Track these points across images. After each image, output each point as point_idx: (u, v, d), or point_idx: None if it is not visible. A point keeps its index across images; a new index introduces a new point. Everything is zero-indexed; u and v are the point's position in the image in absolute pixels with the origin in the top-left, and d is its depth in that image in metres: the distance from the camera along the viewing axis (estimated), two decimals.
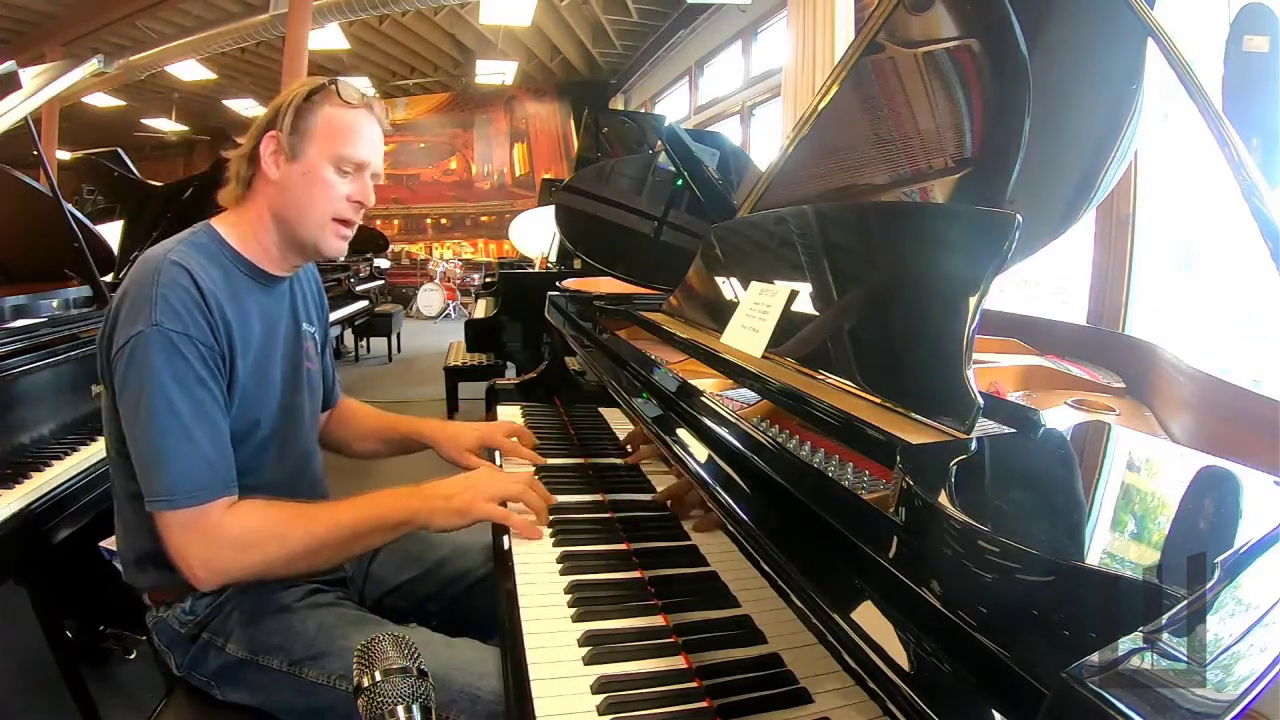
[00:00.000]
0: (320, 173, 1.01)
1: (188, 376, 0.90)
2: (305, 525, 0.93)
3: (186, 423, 0.89)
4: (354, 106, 1.02)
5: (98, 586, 1.62)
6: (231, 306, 0.97)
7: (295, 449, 1.10)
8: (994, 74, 1.16)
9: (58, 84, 1.90)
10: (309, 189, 1.01)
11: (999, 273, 0.75)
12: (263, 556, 0.91)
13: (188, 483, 0.88)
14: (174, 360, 0.89)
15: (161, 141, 10.83)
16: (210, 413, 0.92)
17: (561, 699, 0.70)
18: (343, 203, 1.03)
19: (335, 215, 1.03)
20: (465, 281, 9.64)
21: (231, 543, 0.89)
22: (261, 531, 0.91)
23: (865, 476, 0.73)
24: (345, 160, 1.02)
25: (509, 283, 3.91)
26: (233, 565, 0.91)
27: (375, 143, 1.05)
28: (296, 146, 1.00)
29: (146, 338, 0.88)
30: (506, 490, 0.99)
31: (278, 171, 1.00)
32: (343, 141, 1.01)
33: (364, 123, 1.03)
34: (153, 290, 0.90)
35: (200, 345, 0.91)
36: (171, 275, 0.91)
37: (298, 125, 1.00)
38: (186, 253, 0.96)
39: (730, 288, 1.29)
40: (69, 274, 1.96)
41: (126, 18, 6.41)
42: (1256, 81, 1.07)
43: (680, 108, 7.37)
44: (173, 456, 0.88)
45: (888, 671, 0.44)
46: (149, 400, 0.88)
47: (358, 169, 1.03)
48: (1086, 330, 1.47)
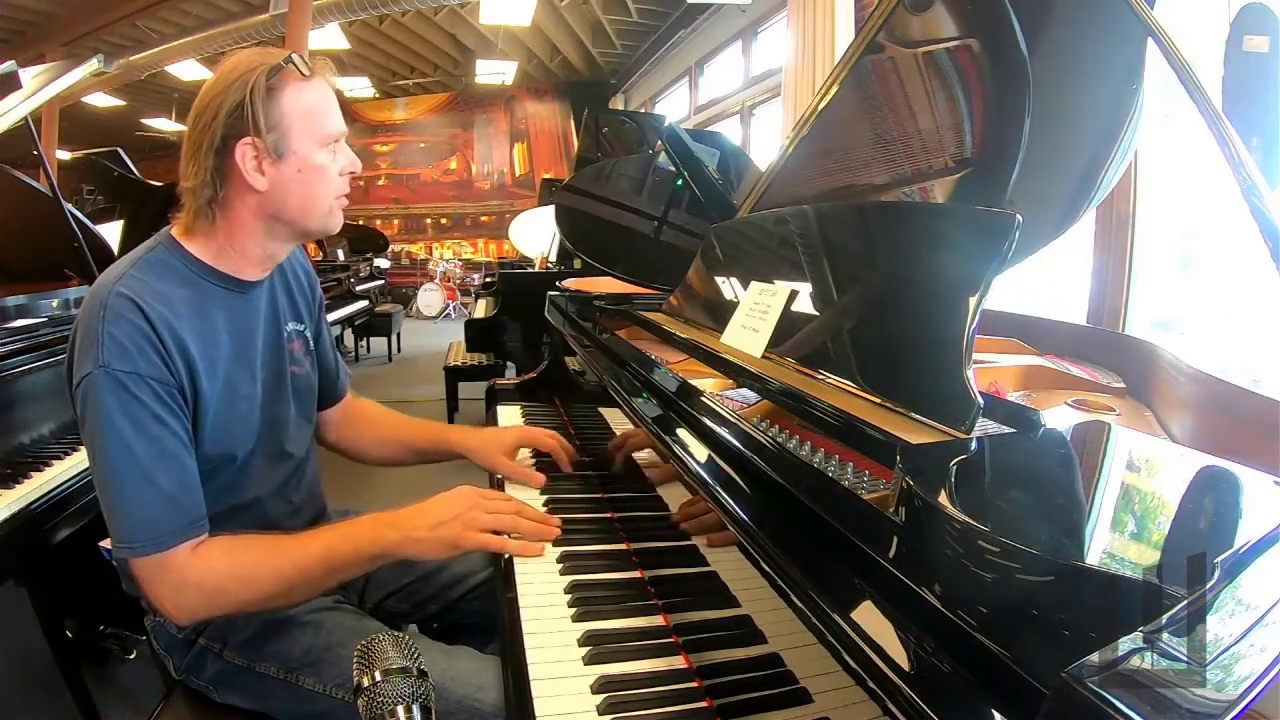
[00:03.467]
0: (314, 161, 0.93)
1: (142, 416, 0.84)
2: (274, 565, 0.88)
3: (145, 465, 0.83)
4: (310, 77, 0.94)
5: (98, 586, 1.62)
6: (193, 327, 0.90)
7: (283, 460, 1.06)
8: (994, 74, 1.16)
9: (58, 84, 1.90)
10: (308, 183, 0.94)
11: (999, 273, 0.75)
12: (233, 600, 0.88)
13: (149, 529, 0.83)
14: (125, 402, 0.83)
15: (161, 141, 10.82)
16: (171, 450, 0.86)
17: (561, 699, 0.70)
18: (340, 180, 0.97)
19: (336, 194, 0.97)
20: (465, 281, 9.64)
21: (198, 587, 0.85)
22: (228, 576, 0.87)
23: (865, 476, 0.73)
24: (330, 137, 0.95)
25: (509, 283, 3.91)
26: (203, 608, 0.87)
27: (337, 104, 0.98)
28: (279, 144, 0.90)
29: (95, 380, 0.83)
30: (497, 521, 0.93)
31: (264, 179, 0.91)
32: (322, 120, 0.94)
33: (326, 90, 0.96)
34: (99, 328, 0.84)
35: (153, 382, 0.85)
36: (117, 310, 0.84)
37: (271, 121, 0.89)
38: (137, 277, 0.88)
39: (730, 287, 1.29)
40: (69, 274, 1.96)
41: (126, 18, 6.40)
42: (1256, 81, 1.07)
43: (680, 108, 7.37)
44: (132, 503, 0.83)
45: (888, 671, 0.44)
46: (104, 445, 0.83)
47: (339, 139, 0.97)
48: (1086, 330, 1.47)
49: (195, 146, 0.90)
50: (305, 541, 0.90)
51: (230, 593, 0.87)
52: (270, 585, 0.87)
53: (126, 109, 9.22)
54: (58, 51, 6.07)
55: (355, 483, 2.21)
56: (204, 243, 0.96)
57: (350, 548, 0.89)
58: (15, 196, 1.92)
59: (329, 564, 0.89)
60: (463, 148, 10.39)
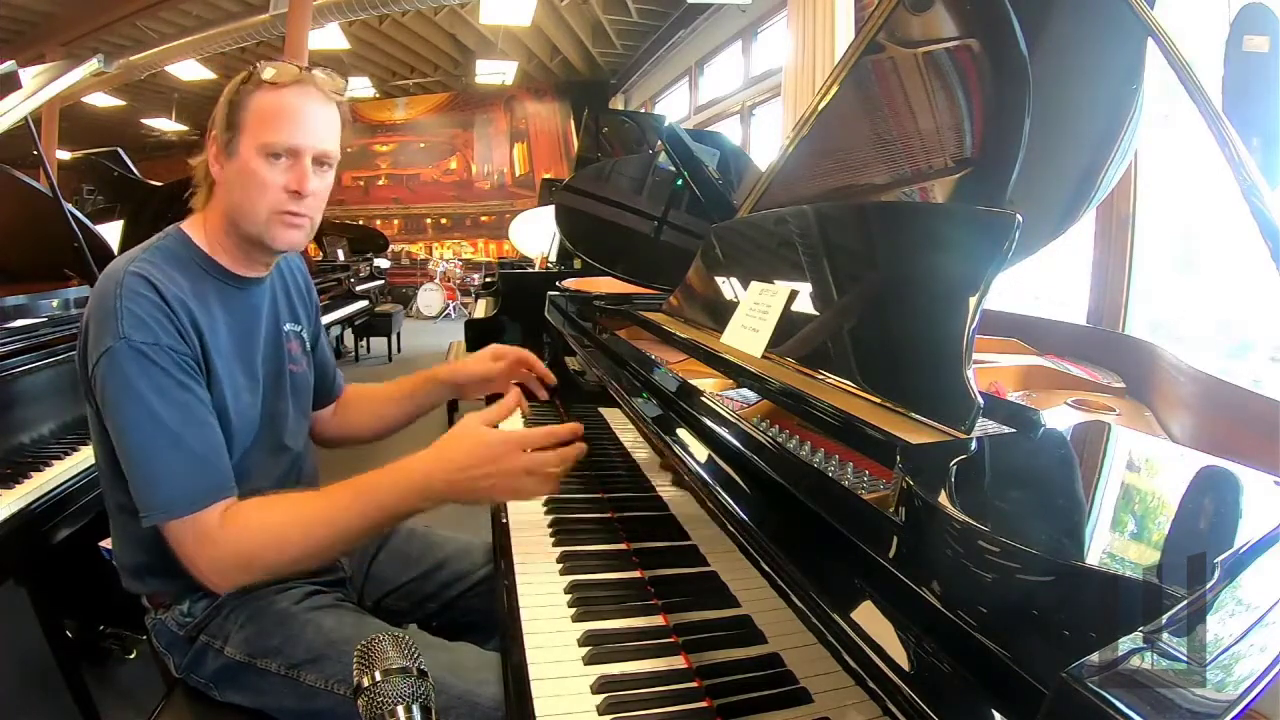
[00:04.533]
0: (250, 165, 0.93)
1: (166, 383, 0.87)
2: (303, 528, 0.89)
3: (173, 430, 0.86)
4: (283, 86, 0.94)
5: (98, 586, 1.62)
6: (199, 312, 0.94)
7: (282, 454, 1.08)
8: (994, 74, 1.16)
9: (58, 84, 1.89)
10: (244, 185, 0.95)
11: (999, 273, 0.75)
12: (265, 564, 0.89)
13: (183, 492, 0.85)
14: (149, 370, 0.86)
15: (161, 141, 10.82)
16: (197, 413, 0.89)
17: (561, 699, 0.70)
18: (279, 193, 0.94)
19: (272, 209, 0.95)
20: (465, 281, 9.64)
21: (234, 551, 0.87)
22: (258, 541, 0.88)
23: (865, 476, 0.73)
24: (272, 147, 0.93)
25: (509, 283, 3.90)
26: (239, 572, 0.89)
27: (312, 122, 0.95)
28: (231, 143, 0.94)
29: (117, 353, 0.86)
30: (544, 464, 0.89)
31: (220, 171, 0.96)
32: (270, 128, 0.93)
33: (296, 102, 0.94)
34: (116, 304, 0.87)
35: (173, 351, 0.88)
36: (133, 286, 0.88)
37: (231, 119, 0.94)
38: (149, 260, 0.93)
39: (730, 287, 1.29)
40: (69, 274, 1.96)
41: (126, 18, 6.41)
42: (1256, 81, 1.07)
43: (680, 108, 7.37)
44: (163, 468, 0.85)
45: (887, 671, 0.44)
46: (131, 415, 0.86)
47: (292, 154, 0.94)
48: (1086, 330, 1.47)
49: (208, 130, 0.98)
50: (332, 502, 0.89)
51: (260, 557, 0.88)
52: (301, 546, 0.88)
53: (126, 109, 9.23)
54: (58, 51, 6.07)
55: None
56: (204, 231, 1.00)
57: (376, 510, 0.88)
58: (15, 196, 1.92)
59: (358, 524, 0.89)
60: (463, 148, 10.39)
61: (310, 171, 0.96)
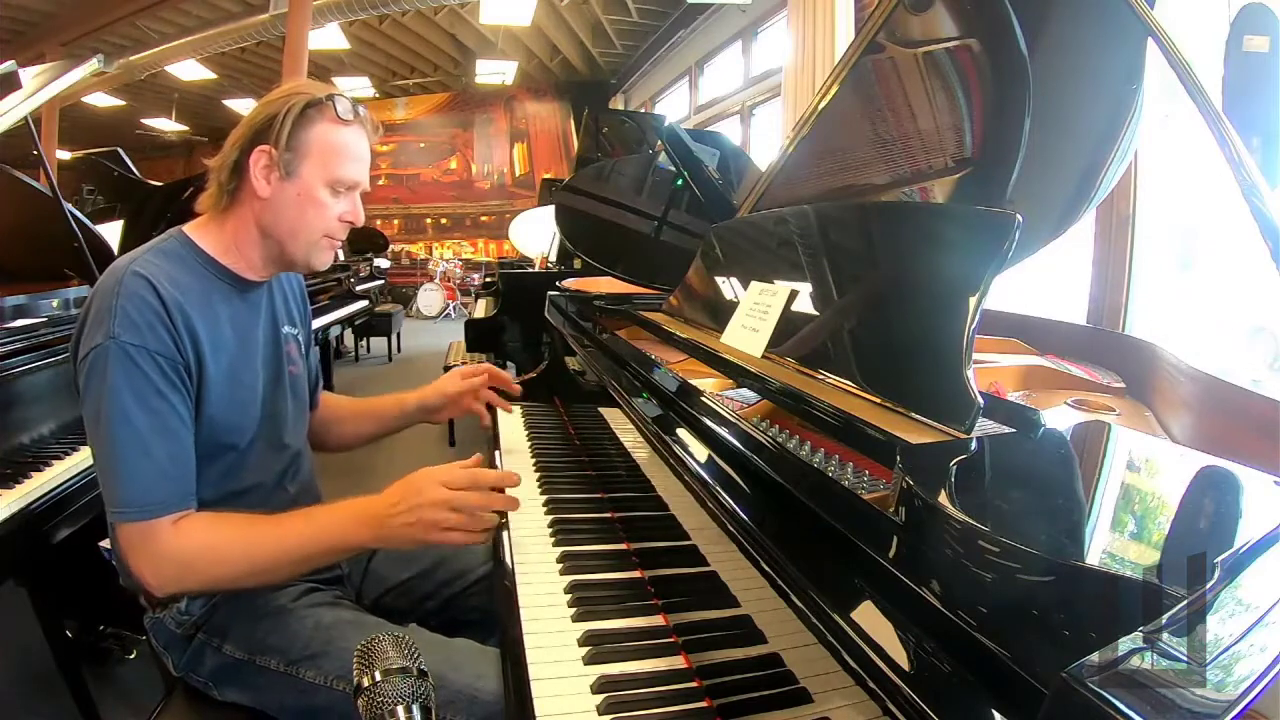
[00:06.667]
0: (315, 194, 0.99)
1: (145, 389, 0.88)
2: (245, 548, 0.90)
3: (143, 436, 0.87)
4: (349, 124, 1.00)
5: (98, 586, 1.62)
6: (201, 315, 0.95)
7: (281, 452, 1.09)
8: (994, 74, 1.16)
9: (58, 84, 1.89)
10: (302, 210, 0.99)
11: (999, 273, 0.75)
12: (204, 577, 0.90)
13: (139, 497, 0.87)
14: (131, 374, 0.87)
15: (161, 141, 10.82)
16: (169, 425, 0.90)
17: (561, 699, 0.70)
18: (335, 222, 1.02)
19: (327, 234, 1.02)
20: (465, 281, 9.64)
21: (174, 560, 0.88)
22: (200, 554, 0.89)
23: (865, 476, 0.73)
24: (341, 183, 1.00)
25: (509, 283, 3.90)
26: (175, 583, 0.90)
27: (367, 159, 1.04)
28: (291, 164, 0.97)
29: (105, 351, 0.87)
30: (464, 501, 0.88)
31: (269, 188, 0.97)
32: (339, 164, 0.99)
33: (359, 141, 1.02)
34: (114, 302, 0.88)
35: (159, 358, 0.89)
36: (133, 287, 0.90)
37: (293, 142, 0.96)
38: (153, 261, 0.94)
39: (730, 287, 1.29)
40: (69, 274, 1.96)
41: (126, 18, 6.41)
42: (1256, 81, 1.07)
43: (680, 108, 7.37)
44: (127, 470, 0.87)
45: (888, 671, 0.44)
46: (106, 413, 0.87)
47: (350, 189, 1.02)
48: (1086, 330, 1.47)
49: (235, 137, 0.98)
50: (281, 531, 0.91)
51: (200, 571, 0.90)
52: (242, 566, 0.90)
53: (126, 109, 9.22)
54: (58, 51, 6.07)
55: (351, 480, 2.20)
56: (214, 237, 1.01)
57: (323, 547, 0.91)
58: (15, 196, 1.92)
59: (303, 554, 0.91)
60: (463, 148, 10.39)
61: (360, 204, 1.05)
